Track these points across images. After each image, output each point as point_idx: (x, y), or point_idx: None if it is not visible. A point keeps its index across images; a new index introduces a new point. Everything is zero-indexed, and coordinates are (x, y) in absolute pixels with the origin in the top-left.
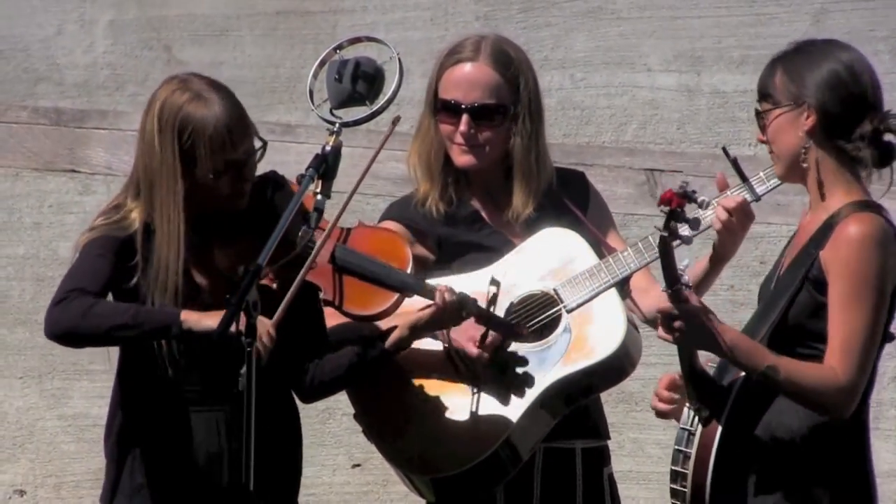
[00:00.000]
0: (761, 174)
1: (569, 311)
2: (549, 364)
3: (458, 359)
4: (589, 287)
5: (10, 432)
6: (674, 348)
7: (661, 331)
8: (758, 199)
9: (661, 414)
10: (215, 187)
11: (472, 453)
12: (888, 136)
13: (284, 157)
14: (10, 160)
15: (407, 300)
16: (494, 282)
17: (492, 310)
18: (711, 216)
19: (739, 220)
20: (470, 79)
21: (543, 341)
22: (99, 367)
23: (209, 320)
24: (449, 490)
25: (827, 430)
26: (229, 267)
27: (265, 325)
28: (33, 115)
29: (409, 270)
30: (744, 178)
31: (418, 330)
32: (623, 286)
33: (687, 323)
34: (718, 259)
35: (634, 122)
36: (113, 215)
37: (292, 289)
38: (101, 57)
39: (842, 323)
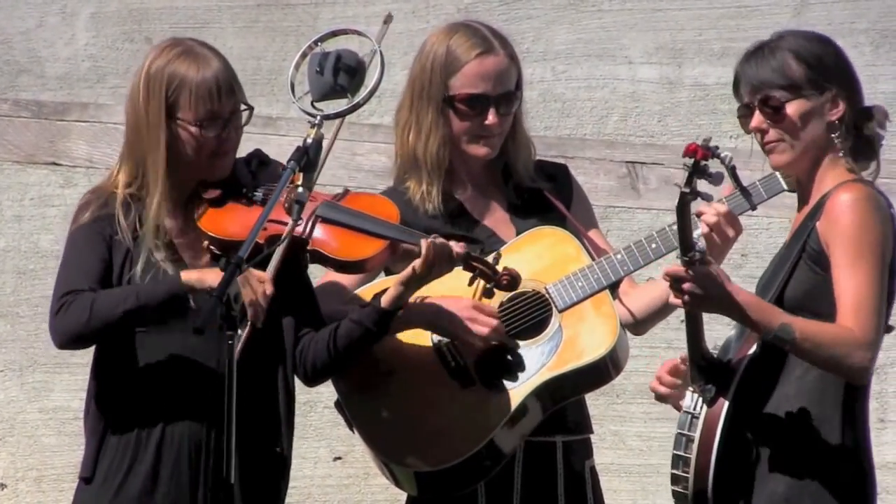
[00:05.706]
0: (757, 184)
1: (560, 311)
2: (539, 363)
3: (450, 353)
4: (581, 288)
5: None
6: (654, 343)
7: (671, 297)
8: (754, 207)
9: (660, 397)
10: (199, 141)
11: (458, 450)
12: (867, 130)
13: (265, 150)
14: None
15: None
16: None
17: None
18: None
19: (726, 225)
20: (497, 71)
21: (534, 340)
22: (80, 361)
23: (210, 278)
24: (432, 484)
25: (831, 406)
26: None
27: (260, 279)
28: (14, 108)
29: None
30: (741, 188)
31: (412, 282)
32: (616, 288)
33: (698, 284)
34: None
35: (615, 114)
36: (94, 195)
37: (282, 241)
38: (82, 49)
39: (849, 284)
